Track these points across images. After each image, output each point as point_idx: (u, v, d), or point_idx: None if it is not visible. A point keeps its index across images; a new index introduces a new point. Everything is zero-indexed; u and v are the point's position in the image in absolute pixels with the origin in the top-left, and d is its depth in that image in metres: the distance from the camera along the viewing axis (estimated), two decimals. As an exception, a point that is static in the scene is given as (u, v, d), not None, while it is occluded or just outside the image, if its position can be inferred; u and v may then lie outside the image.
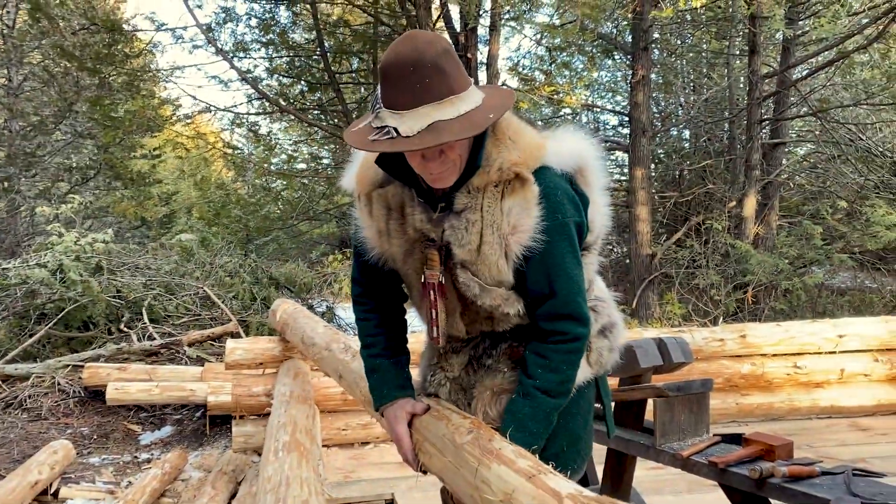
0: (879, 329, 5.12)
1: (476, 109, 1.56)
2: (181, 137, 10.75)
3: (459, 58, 1.70)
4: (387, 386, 1.89)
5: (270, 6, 10.27)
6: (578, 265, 1.67)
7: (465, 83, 1.57)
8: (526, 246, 1.61)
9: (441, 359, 1.93)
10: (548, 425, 1.68)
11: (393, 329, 1.91)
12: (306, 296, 10.08)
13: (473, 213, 1.62)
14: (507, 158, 1.61)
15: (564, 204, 1.63)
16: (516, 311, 1.71)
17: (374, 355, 1.90)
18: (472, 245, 1.62)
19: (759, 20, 9.75)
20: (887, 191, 10.03)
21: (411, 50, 1.51)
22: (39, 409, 5.62)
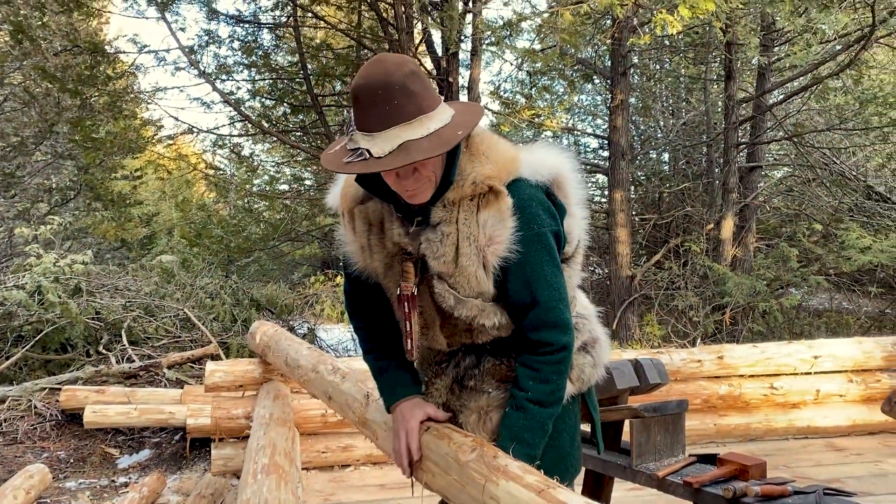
0: (853, 350, 5.20)
1: (446, 127, 1.61)
2: (163, 159, 10.73)
3: (441, 82, 1.79)
4: (399, 384, 1.90)
5: (253, 29, 10.33)
6: (558, 274, 1.70)
7: (434, 102, 1.62)
8: (503, 257, 1.65)
9: (428, 385, 1.95)
10: (544, 435, 1.71)
11: (389, 337, 1.91)
12: (287, 317, 10.05)
13: (448, 226, 1.66)
14: (480, 172, 1.67)
15: (539, 214, 1.67)
16: (493, 323, 1.74)
17: (380, 358, 1.93)
18: (447, 257, 1.67)
19: (735, 47, 9.96)
20: (861, 214, 10.22)
21: (380, 73, 1.57)
22: (15, 433, 5.55)
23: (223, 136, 11.33)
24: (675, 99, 15.00)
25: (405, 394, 1.89)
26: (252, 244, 11.16)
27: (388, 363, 1.91)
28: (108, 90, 9.35)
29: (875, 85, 10.97)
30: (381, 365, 1.92)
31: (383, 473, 4.61)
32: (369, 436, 2.31)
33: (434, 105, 1.62)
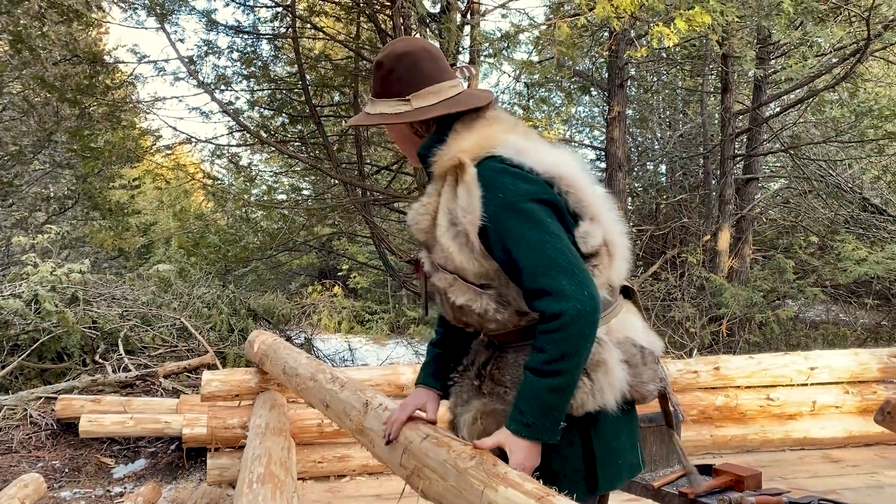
0: (849, 361, 5.21)
1: (414, 111, 1.82)
2: (161, 168, 10.74)
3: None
4: (425, 371, 2.02)
5: (252, 40, 10.37)
6: (549, 240, 1.61)
7: (416, 87, 1.83)
8: (478, 227, 1.66)
9: (454, 382, 2.00)
10: (539, 406, 1.59)
11: (449, 328, 1.99)
12: (284, 327, 10.05)
13: (430, 197, 1.79)
14: (456, 147, 1.75)
15: (507, 183, 1.66)
16: (466, 303, 1.73)
17: (434, 345, 2.05)
18: (420, 225, 1.78)
19: (731, 59, 10.02)
20: (857, 226, 10.25)
21: (385, 52, 1.88)
22: (10, 442, 5.53)
23: (221, 145, 11.35)
24: (672, 111, 15.07)
25: (422, 381, 2.00)
26: (249, 254, 11.16)
27: (434, 352, 2.03)
28: (106, 100, 9.37)
29: (871, 98, 11.04)
30: (429, 351, 2.05)
31: (379, 484, 4.60)
32: (366, 444, 2.32)
33: (415, 89, 1.82)
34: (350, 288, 14.91)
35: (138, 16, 9.12)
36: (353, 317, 13.08)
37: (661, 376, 1.83)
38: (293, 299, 13.05)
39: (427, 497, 1.84)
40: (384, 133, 11.73)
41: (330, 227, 12.48)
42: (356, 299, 14.17)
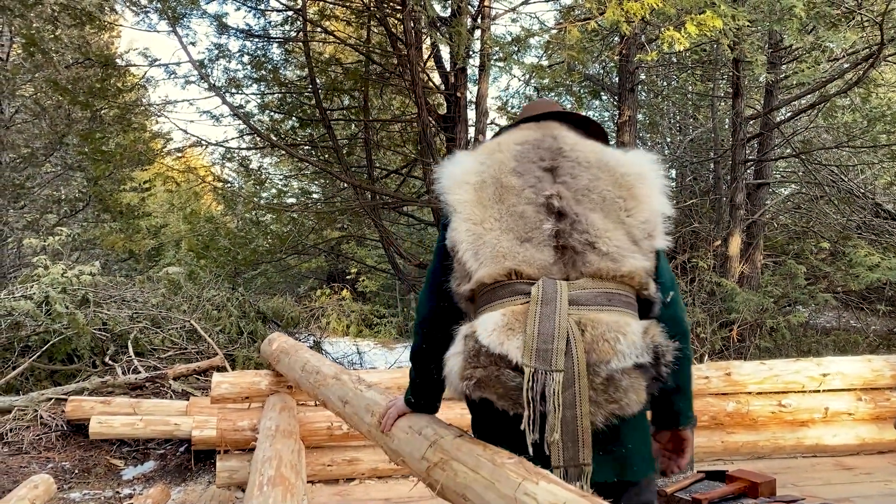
0: (862, 368, 5.16)
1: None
2: (171, 171, 10.78)
3: (449, 97, 1.88)
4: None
5: (263, 44, 10.41)
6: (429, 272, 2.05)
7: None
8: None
9: None
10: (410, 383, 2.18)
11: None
12: (293, 330, 10.06)
13: None
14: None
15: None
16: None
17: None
18: None
19: (743, 64, 9.98)
20: (869, 231, 10.18)
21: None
22: (20, 443, 5.55)
23: (232, 149, 11.40)
24: (683, 116, 15.02)
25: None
26: (259, 257, 11.19)
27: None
28: (118, 103, 9.42)
29: (883, 103, 10.97)
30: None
31: (388, 487, 4.59)
32: (385, 440, 2.32)
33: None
34: (358, 291, 14.91)
35: (150, 19, 9.17)
36: (361, 320, 13.08)
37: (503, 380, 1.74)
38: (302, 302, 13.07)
39: (445, 492, 1.83)
40: (393, 137, 11.75)
41: (339, 231, 12.50)
42: (365, 303, 14.17)
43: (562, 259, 1.82)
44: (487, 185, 1.94)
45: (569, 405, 1.67)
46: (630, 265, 1.80)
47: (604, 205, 1.87)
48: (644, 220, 1.86)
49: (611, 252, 1.80)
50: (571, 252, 1.82)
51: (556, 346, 1.70)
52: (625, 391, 1.68)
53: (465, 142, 9.32)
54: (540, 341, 1.71)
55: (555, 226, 1.85)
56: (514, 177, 1.93)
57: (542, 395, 1.68)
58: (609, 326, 1.72)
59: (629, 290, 1.81)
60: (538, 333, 1.72)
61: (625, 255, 1.81)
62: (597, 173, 1.91)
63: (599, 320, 1.73)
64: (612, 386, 1.68)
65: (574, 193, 1.89)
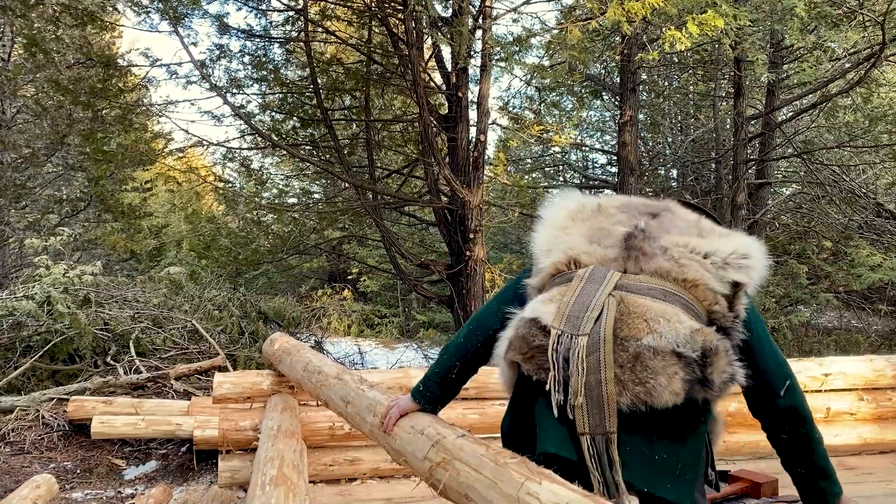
0: (864, 368, 5.16)
1: None
2: (173, 171, 10.79)
3: (451, 97, 1.86)
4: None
5: (264, 44, 10.40)
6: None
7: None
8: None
9: None
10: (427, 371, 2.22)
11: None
12: (294, 330, 10.06)
13: None
14: None
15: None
16: None
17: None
18: None
19: (744, 64, 9.97)
20: (871, 232, 10.18)
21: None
22: (23, 443, 5.55)
23: (233, 149, 11.40)
24: (684, 115, 15.02)
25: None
26: (260, 257, 11.19)
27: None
28: (119, 103, 9.42)
29: (885, 103, 10.97)
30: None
31: (390, 487, 4.58)
32: (387, 440, 2.32)
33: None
34: (360, 291, 14.92)
35: (151, 19, 9.16)
36: (362, 320, 13.09)
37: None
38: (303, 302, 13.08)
39: (447, 491, 1.84)
40: (395, 137, 11.75)
41: (340, 231, 12.50)
42: (366, 303, 14.18)
43: (627, 257, 1.83)
44: (585, 209, 2.02)
45: (593, 370, 1.64)
46: (695, 274, 1.78)
47: (696, 231, 1.91)
48: (730, 252, 1.85)
49: (678, 257, 1.80)
50: (638, 252, 1.83)
51: (588, 314, 1.70)
52: (653, 372, 1.61)
53: (467, 142, 9.32)
54: (574, 308, 1.72)
55: (632, 232, 1.88)
56: (616, 209, 2.00)
57: (566, 358, 1.68)
58: (653, 311, 1.69)
59: (694, 300, 1.77)
60: (574, 302, 1.74)
61: (692, 265, 1.80)
62: (691, 228, 1.93)
63: (644, 304, 1.71)
64: (640, 364, 1.62)
65: (665, 224, 1.92)
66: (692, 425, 1.73)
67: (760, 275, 1.87)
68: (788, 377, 1.89)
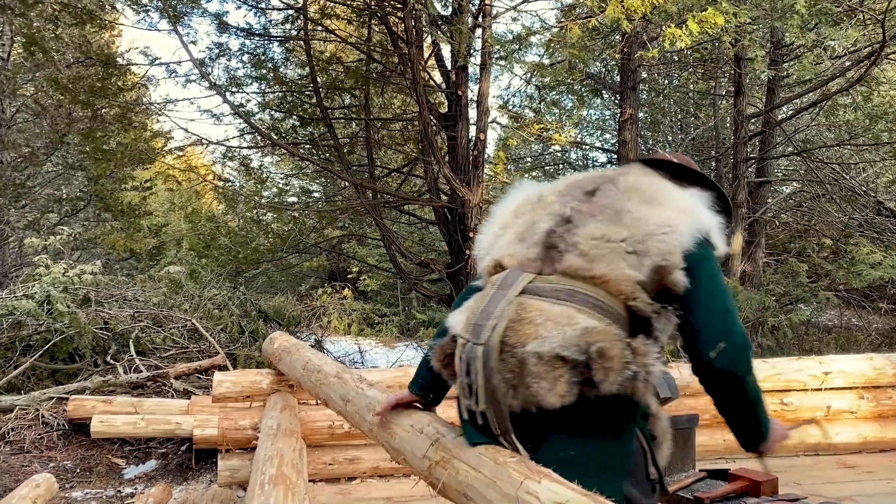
0: (864, 366, 5.15)
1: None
2: (172, 170, 10.78)
3: (450, 95, 1.85)
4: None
5: (263, 42, 10.40)
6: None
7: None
8: None
9: None
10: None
11: None
12: (294, 329, 10.05)
13: None
14: None
15: None
16: None
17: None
18: None
19: (744, 62, 9.96)
20: (871, 230, 10.16)
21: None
22: (22, 442, 5.55)
23: (233, 147, 11.39)
24: (684, 114, 15.01)
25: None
26: (260, 256, 11.19)
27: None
28: (119, 102, 9.41)
29: (885, 101, 10.95)
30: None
31: (390, 486, 4.58)
32: (386, 439, 2.31)
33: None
34: (360, 290, 14.91)
35: (151, 18, 9.17)
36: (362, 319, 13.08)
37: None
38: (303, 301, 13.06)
39: (446, 490, 1.83)
40: (394, 136, 11.74)
41: (340, 230, 12.50)
42: (366, 302, 14.16)
43: (546, 257, 1.83)
44: (528, 201, 2.03)
45: (489, 377, 1.70)
46: (605, 269, 1.74)
47: (615, 218, 1.83)
48: (645, 237, 1.77)
49: (588, 254, 1.77)
50: (555, 251, 1.83)
51: (490, 323, 1.74)
52: (536, 377, 1.64)
53: (466, 140, 9.31)
54: (480, 318, 1.77)
55: (552, 228, 1.87)
56: (555, 196, 1.98)
57: (468, 366, 1.74)
58: (547, 315, 1.71)
59: (606, 296, 1.75)
60: (481, 310, 1.78)
61: (604, 259, 1.76)
62: (630, 195, 1.87)
63: (542, 308, 1.72)
64: (525, 370, 1.66)
65: (590, 208, 1.88)
66: (613, 423, 1.73)
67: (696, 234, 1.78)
68: (722, 339, 1.76)
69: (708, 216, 1.86)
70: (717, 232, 1.87)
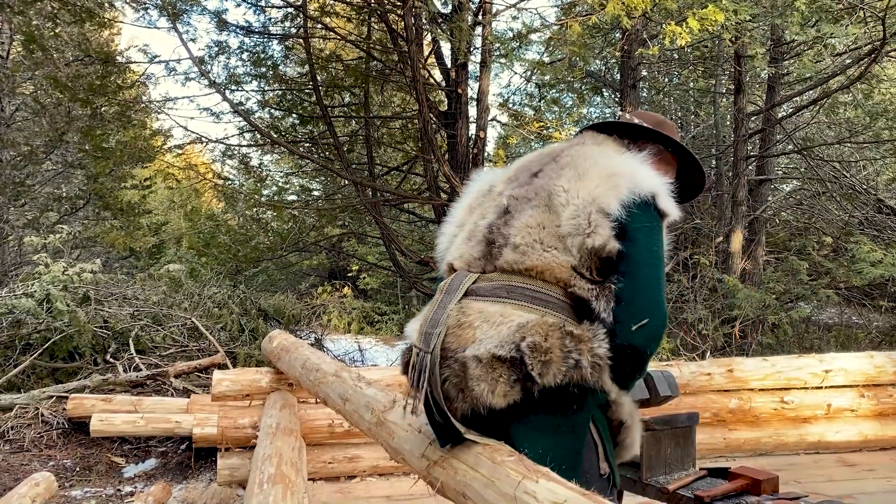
0: (865, 364, 5.15)
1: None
2: (172, 168, 10.77)
3: (450, 93, 1.83)
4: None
5: (263, 40, 10.38)
6: None
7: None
8: None
9: None
10: None
11: None
12: (294, 327, 10.04)
13: None
14: None
15: None
16: None
17: None
18: None
19: (745, 59, 9.94)
20: (871, 227, 10.15)
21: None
22: (22, 441, 5.54)
23: (232, 146, 11.38)
24: (684, 112, 15.00)
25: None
26: (260, 254, 11.18)
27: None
28: (118, 100, 9.40)
29: (886, 99, 10.94)
30: None
31: (389, 485, 4.58)
32: (385, 436, 2.30)
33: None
34: (360, 289, 14.90)
35: (150, 16, 9.15)
36: (362, 317, 13.08)
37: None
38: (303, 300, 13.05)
39: (445, 490, 1.83)
40: (394, 134, 11.73)
41: (340, 228, 12.48)
42: (366, 300, 14.16)
43: (488, 254, 1.83)
44: (482, 192, 2.02)
45: (434, 386, 1.69)
46: (537, 260, 1.73)
47: (548, 201, 1.79)
48: (573, 216, 1.73)
49: (521, 246, 1.76)
50: (494, 247, 1.82)
51: (437, 330, 1.73)
52: (477, 380, 1.64)
53: (466, 138, 9.30)
54: (429, 325, 1.76)
55: (492, 223, 1.87)
56: (504, 183, 1.97)
57: (419, 374, 1.72)
58: (485, 316, 1.71)
59: (544, 286, 1.73)
60: (430, 319, 1.78)
61: (536, 249, 1.74)
62: (565, 172, 1.82)
63: (481, 310, 1.72)
64: (467, 373, 1.65)
65: (527, 192, 1.85)
66: (566, 416, 1.70)
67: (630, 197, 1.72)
68: (647, 315, 1.71)
69: (648, 178, 1.79)
70: (664, 193, 1.80)
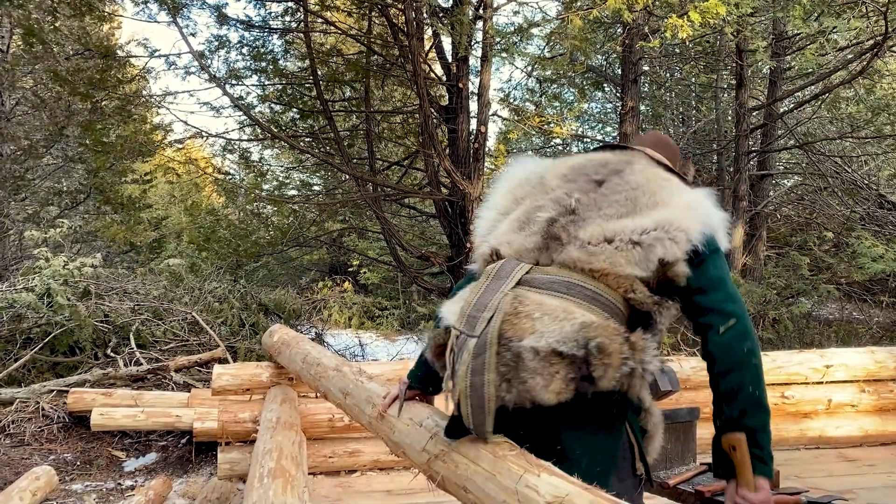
0: (866, 359, 5.14)
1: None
2: (172, 163, 10.75)
3: (451, 88, 1.82)
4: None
5: (263, 35, 10.35)
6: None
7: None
8: None
9: None
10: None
11: None
12: (295, 322, 10.04)
13: None
14: None
15: None
16: None
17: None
18: None
19: (746, 54, 9.92)
20: (873, 223, 10.14)
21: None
22: (22, 435, 5.55)
23: (233, 140, 11.36)
24: (686, 107, 14.97)
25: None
26: (260, 249, 11.17)
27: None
28: (118, 94, 9.38)
29: (887, 94, 10.91)
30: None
31: (390, 479, 4.58)
32: (385, 430, 2.30)
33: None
34: (360, 283, 14.89)
35: (150, 9, 9.11)
36: (363, 312, 13.06)
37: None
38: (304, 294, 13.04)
39: (445, 484, 1.82)
40: (395, 128, 11.71)
41: (340, 223, 12.47)
42: (366, 295, 14.15)
43: (545, 247, 1.81)
44: (528, 183, 1.99)
45: (478, 372, 1.63)
46: (605, 263, 1.74)
47: (622, 212, 1.82)
48: (648, 229, 1.76)
49: (589, 246, 1.76)
50: (556, 242, 1.80)
51: (484, 315, 1.70)
52: (532, 372, 1.60)
53: (467, 133, 9.28)
54: (474, 309, 1.73)
55: (553, 218, 1.84)
56: (558, 180, 1.95)
57: (457, 357, 1.70)
58: (544, 308, 1.68)
59: (606, 290, 1.74)
60: (476, 302, 1.74)
61: (605, 252, 1.75)
62: (640, 191, 1.86)
63: (540, 302, 1.70)
64: (521, 364, 1.61)
65: (599, 200, 1.86)
66: (606, 418, 1.72)
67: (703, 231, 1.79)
68: (733, 318, 1.76)
69: (715, 214, 1.86)
70: (723, 229, 1.87)
